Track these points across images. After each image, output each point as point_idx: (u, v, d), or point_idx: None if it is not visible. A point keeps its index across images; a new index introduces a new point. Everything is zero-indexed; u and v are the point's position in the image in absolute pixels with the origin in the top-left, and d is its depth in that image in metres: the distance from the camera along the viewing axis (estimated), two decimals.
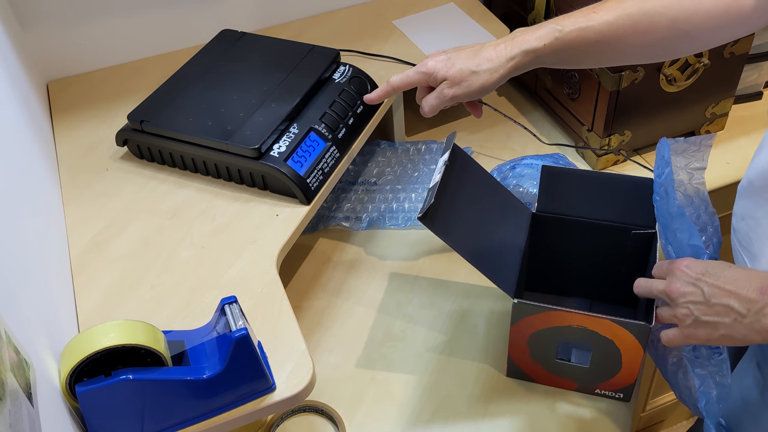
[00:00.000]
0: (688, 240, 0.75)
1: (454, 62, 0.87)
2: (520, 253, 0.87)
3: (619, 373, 0.85)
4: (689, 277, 0.71)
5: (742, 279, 0.68)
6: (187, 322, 0.81)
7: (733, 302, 0.68)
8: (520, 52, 0.85)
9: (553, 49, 0.84)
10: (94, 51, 1.22)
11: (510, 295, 0.81)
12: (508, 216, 0.90)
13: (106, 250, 0.90)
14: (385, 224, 1.11)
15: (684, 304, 0.71)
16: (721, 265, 0.71)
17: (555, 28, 0.84)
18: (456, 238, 0.81)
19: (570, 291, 0.98)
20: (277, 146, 0.94)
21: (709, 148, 0.81)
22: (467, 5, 1.30)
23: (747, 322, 0.67)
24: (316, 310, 1.01)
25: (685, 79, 1.08)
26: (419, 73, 0.90)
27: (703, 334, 0.71)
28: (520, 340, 0.86)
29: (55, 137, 1.09)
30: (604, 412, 0.88)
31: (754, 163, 0.76)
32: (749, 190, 0.76)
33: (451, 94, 0.87)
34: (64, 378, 0.64)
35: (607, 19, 0.82)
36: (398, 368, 0.94)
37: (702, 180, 0.82)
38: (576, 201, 0.90)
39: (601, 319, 0.79)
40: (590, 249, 0.92)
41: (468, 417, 0.88)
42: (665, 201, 0.78)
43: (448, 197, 0.82)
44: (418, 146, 1.21)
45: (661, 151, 0.82)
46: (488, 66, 0.86)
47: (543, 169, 0.90)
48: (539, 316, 0.82)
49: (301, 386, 0.74)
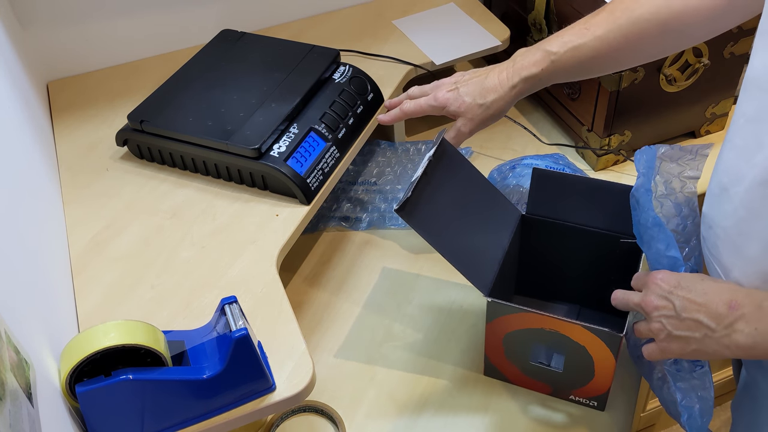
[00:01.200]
0: (665, 251, 0.73)
1: (463, 97, 0.92)
2: (503, 252, 0.87)
3: (593, 380, 0.85)
4: (662, 290, 0.70)
5: (712, 292, 0.67)
6: (187, 322, 0.81)
7: (702, 317, 0.67)
8: (521, 80, 0.89)
9: (551, 72, 0.88)
10: (94, 51, 1.22)
11: (484, 293, 0.81)
12: (494, 215, 0.90)
13: (106, 250, 0.90)
14: (385, 224, 1.11)
15: (657, 318, 0.70)
16: (694, 278, 0.69)
17: (549, 51, 0.87)
18: (433, 232, 0.81)
19: (560, 296, 0.98)
20: (277, 146, 0.94)
21: (705, 158, 0.80)
22: (467, 5, 1.30)
23: (716, 337, 0.66)
24: (316, 310, 1.01)
25: (685, 79, 1.07)
26: (431, 105, 0.95)
27: (677, 348, 0.70)
28: (495, 339, 0.86)
29: (55, 137, 1.09)
30: (577, 419, 0.88)
31: (718, 167, 0.72)
32: (718, 196, 0.72)
33: (468, 130, 0.94)
34: (64, 378, 0.64)
35: (598, 35, 0.84)
36: (398, 368, 0.94)
37: (694, 189, 0.80)
38: (566, 205, 0.90)
39: (573, 325, 0.79)
40: (579, 255, 0.92)
41: (468, 417, 0.88)
42: (637, 212, 0.77)
43: (430, 192, 0.82)
44: (418, 146, 1.21)
45: (636, 160, 0.80)
46: (494, 97, 0.91)
47: (534, 172, 0.89)
48: (514, 317, 0.82)
49: (301, 386, 0.74)
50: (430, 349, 0.95)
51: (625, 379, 0.91)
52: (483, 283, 0.82)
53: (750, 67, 0.68)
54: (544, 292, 0.98)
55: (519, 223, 0.91)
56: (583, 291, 0.95)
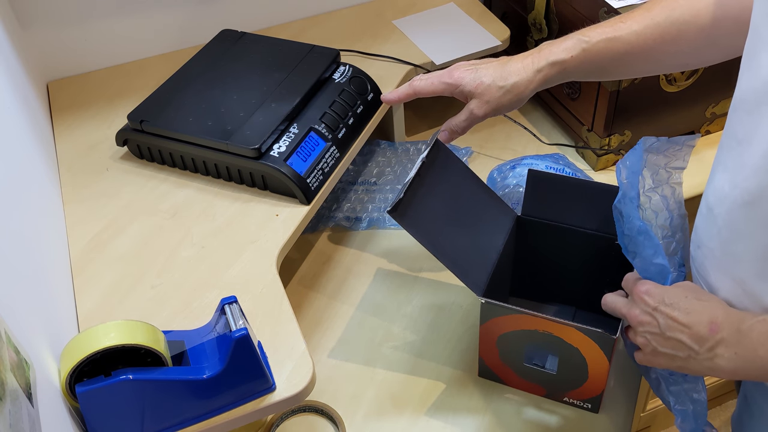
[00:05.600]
0: (652, 257, 0.72)
1: (481, 76, 0.86)
2: (497, 253, 0.87)
3: (587, 382, 0.85)
4: (647, 305, 0.69)
5: (695, 311, 0.66)
6: (187, 322, 0.81)
7: (685, 338, 0.66)
8: (547, 64, 0.84)
9: (580, 61, 0.83)
10: (94, 51, 1.22)
11: (478, 294, 0.81)
12: (488, 216, 0.90)
13: (106, 250, 0.90)
14: (385, 224, 1.11)
15: (642, 333, 0.70)
16: (679, 294, 0.68)
17: (582, 39, 0.82)
18: (426, 233, 0.81)
19: (555, 298, 0.97)
20: (277, 146, 0.94)
21: (691, 148, 0.78)
22: (467, 5, 1.30)
23: (700, 359, 0.65)
24: (316, 310, 1.01)
25: (685, 79, 1.08)
26: (444, 83, 0.88)
27: (663, 363, 0.70)
28: (489, 340, 0.86)
29: (55, 137, 1.09)
30: (571, 421, 0.88)
31: (708, 188, 0.71)
32: (706, 216, 0.71)
33: (483, 113, 0.87)
34: (64, 378, 0.64)
35: (635, 29, 0.81)
36: (398, 368, 0.94)
37: (680, 180, 0.79)
38: (561, 207, 0.89)
39: (566, 326, 0.79)
40: (574, 256, 0.91)
41: (468, 418, 0.88)
42: (621, 223, 0.75)
43: (423, 193, 0.82)
44: (418, 146, 1.21)
45: (617, 171, 0.78)
46: (516, 79, 0.84)
47: (529, 173, 0.89)
48: (507, 318, 0.82)
49: (301, 386, 0.74)
50: (430, 350, 0.95)
51: (624, 379, 0.91)
52: (476, 284, 0.82)
53: (737, 88, 0.66)
54: (539, 294, 0.98)
55: (514, 224, 0.91)
56: (578, 292, 0.95)
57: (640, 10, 0.82)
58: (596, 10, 1.02)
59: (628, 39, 0.81)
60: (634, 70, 0.86)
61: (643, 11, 0.82)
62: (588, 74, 0.86)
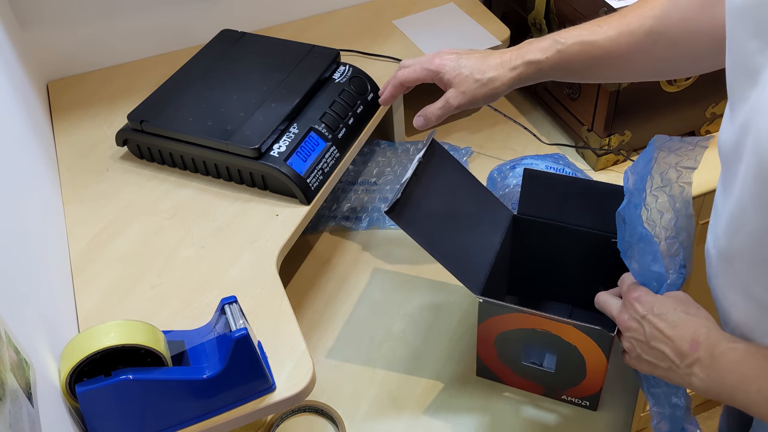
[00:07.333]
0: (650, 265, 0.72)
1: (460, 66, 0.87)
2: (494, 253, 0.87)
3: (585, 380, 0.85)
4: (636, 312, 0.70)
5: (681, 326, 0.67)
6: (187, 322, 0.81)
7: (668, 351, 0.66)
8: (523, 63, 0.85)
9: (555, 62, 0.84)
10: (94, 51, 1.22)
11: (475, 293, 0.81)
12: (485, 215, 0.90)
13: (106, 250, 0.90)
14: (385, 224, 1.11)
15: (628, 338, 0.71)
16: (668, 305, 0.69)
17: (557, 40, 0.83)
18: (423, 233, 0.81)
19: (553, 297, 0.97)
20: (277, 146, 0.94)
21: (704, 149, 0.78)
22: (467, 5, 1.30)
23: (680, 373, 0.66)
24: (316, 310, 1.01)
25: (685, 79, 1.07)
26: (426, 69, 0.89)
27: (646, 369, 0.70)
28: (487, 339, 0.86)
29: (55, 137, 1.09)
30: (570, 419, 0.88)
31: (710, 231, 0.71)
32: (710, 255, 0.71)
33: (457, 103, 0.88)
34: (64, 378, 0.64)
35: (609, 35, 0.81)
36: (398, 368, 0.94)
37: (689, 180, 0.79)
38: (557, 206, 0.89)
39: (564, 324, 0.79)
40: (571, 255, 0.91)
41: (468, 417, 0.88)
42: (623, 230, 0.75)
43: (420, 193, 0.82)
44: (418, 146, 1.21)
45: (624, 179, 0.78)
46: (493, 74, 0.86)
47: (525, 173, 0.89)
48: (505, 317, 0.82)
49: (301, 386, 0.74)
50: (430, 350, 0.95)
51: (624, 379, 0.91)
52: (473, 283, 0.82)
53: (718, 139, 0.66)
54: (536, 293, 0.98)
55: (511, 223, 0.91)
56: (575, 291, 0.95)
57: (616, 16, 0.82)
58: (596, 9, 1.02)
59: (603, 44, 0.81)
60: (611, 75, 0.87)
61: (618, 17, 0.82)
62: (564, 76, 0.87)
